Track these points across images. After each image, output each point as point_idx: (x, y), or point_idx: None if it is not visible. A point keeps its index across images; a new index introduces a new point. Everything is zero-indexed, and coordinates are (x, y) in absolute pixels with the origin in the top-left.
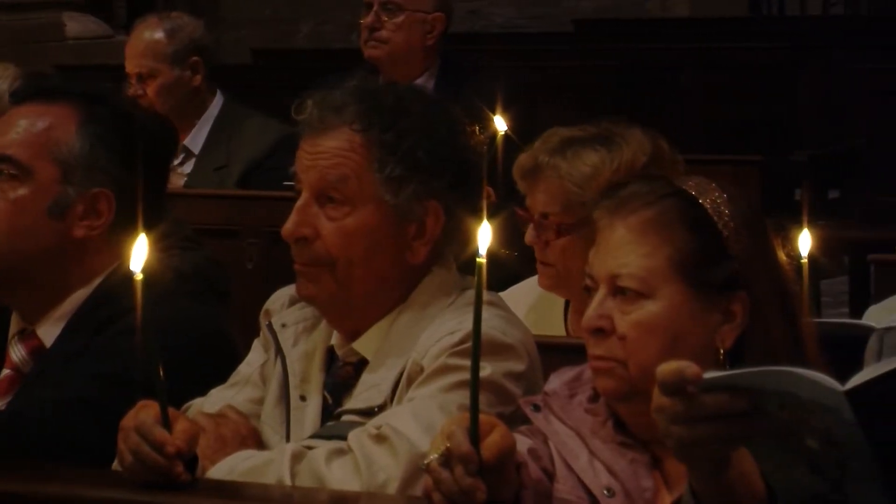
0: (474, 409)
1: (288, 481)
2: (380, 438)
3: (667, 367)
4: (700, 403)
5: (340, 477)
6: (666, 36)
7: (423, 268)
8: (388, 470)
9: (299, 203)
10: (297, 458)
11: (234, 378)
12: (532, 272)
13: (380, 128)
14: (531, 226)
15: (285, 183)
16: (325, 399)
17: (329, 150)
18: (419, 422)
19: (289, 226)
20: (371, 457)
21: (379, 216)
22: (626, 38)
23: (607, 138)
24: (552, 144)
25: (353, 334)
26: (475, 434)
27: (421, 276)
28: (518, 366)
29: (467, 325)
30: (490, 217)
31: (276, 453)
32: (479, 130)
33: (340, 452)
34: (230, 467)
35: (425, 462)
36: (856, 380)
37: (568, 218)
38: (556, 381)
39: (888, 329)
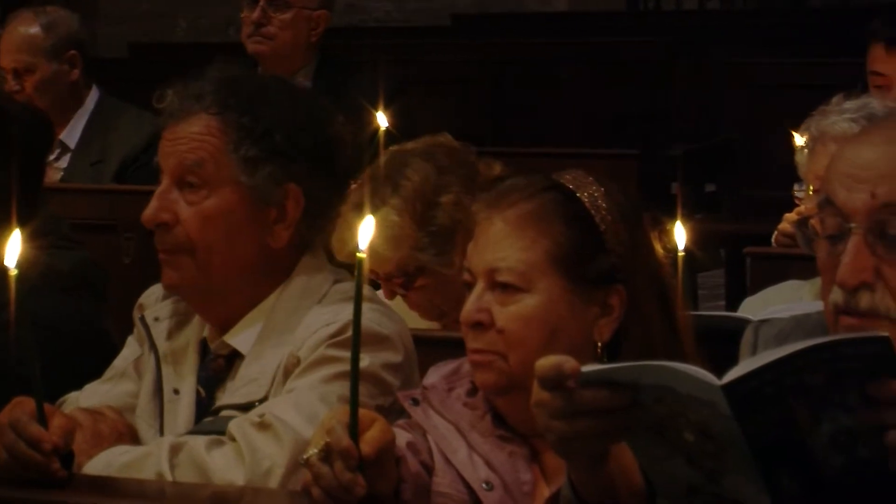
0: (354, 404)
1: (168, 474)
2: (263, 426)
3: (545, 362)
4: (579, 398)
5: (223, 465)
6: (543, 30)
7: (291, 257)
8: (273, 457)
9: (159, 189)
10: (175, 450)
11: (109, 373)
12: None
13: (237, 111)
14: (381, 285)
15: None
16: (198, 392)
17: (187, 135)
18: (301, 412)
19: (148, 212)
20: (255, 444)
21: (236, 198)
22: (504, 33)
23: (390, 177)
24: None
25: (223, 326)
26: (355, 429)
27: (289, 266)
28: (395, 357)
29: (343, 315)
30: (372, 211)
31: (153, 446)
32: (351, 126)
33: (220, 442)
34: (107, 462)
35: (304, 457)
36: (731, 374)
37: (398, 270)
38: (435, 375)
39: (763, 322)
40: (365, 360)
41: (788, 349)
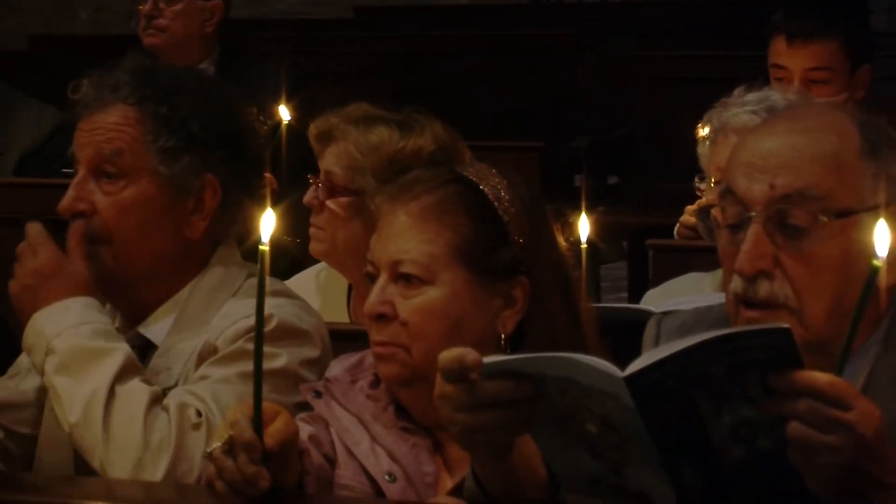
0: (257, 396)
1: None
2: (196, 426)
3: (448, 354)
4: (482, 390)
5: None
6: (447, 23)
7: (206, 249)
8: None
9: (75, 179)
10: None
11: (14, 369)
12: (315, 260)
13: (154, 101)
14: (313, 186)
15: (64, 170)
16: None
17: (104, 125)
18: (218, 405)
19: (64, 202)
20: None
21: (154, 188)
22: (407, 25)
23: (405, 123)
24: (351, 114)
25: (136, 317)
26: (258, 422)
27: (204, 258)
28: (313, 352)
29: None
30: (273, 205)
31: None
32: (261, 116)
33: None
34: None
35: (208, 450)
36: (634, 366)
37: (346, 181)
38: (338, 368)
39: (666, 314)
40: (284, 357)
41: (690, 341)
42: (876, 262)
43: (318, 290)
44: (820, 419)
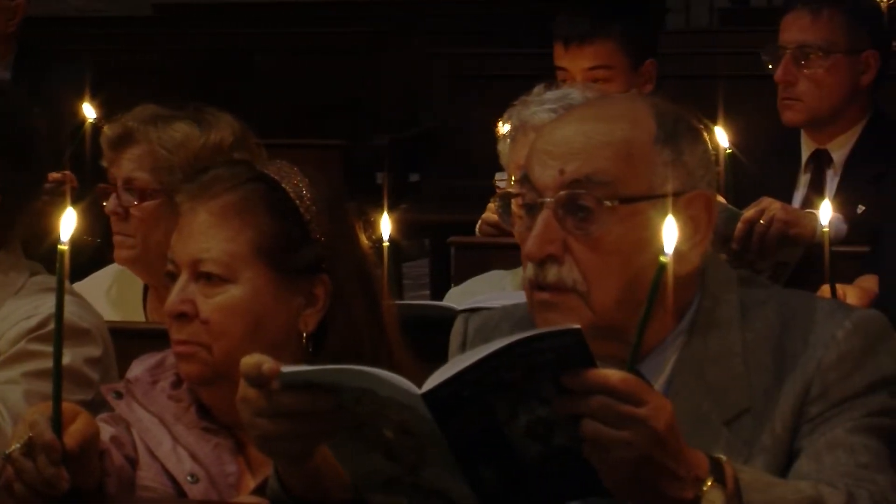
0: (57, 397)
1: None
2: None
3: (248, 360)
4: (280, 401)
5: None
6: (247, 20)
7: None
8: None
9: None
10: None
11: None
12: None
13: None
14: (113, 195)
15: None
16: None
17: None
18: (7, 406)
19: None
20: None
21: None
22: (206, 23)
23: (199, 118)
24: (143, 115)
25: None
26: (58, 423)
27: None
28: (95, 351)
29: (44, 308)
30: (74, 203)
31: None
32: (56, 117)
33: None
34: None
35: (6, 452)
36: (431, 382)
37: (154, 183)
38: (139, 368)
39: (473, 312)
40: (67, 356)
41: (485, 350)
42: (663, 258)
43: (110, 288)
44: (613, 415)
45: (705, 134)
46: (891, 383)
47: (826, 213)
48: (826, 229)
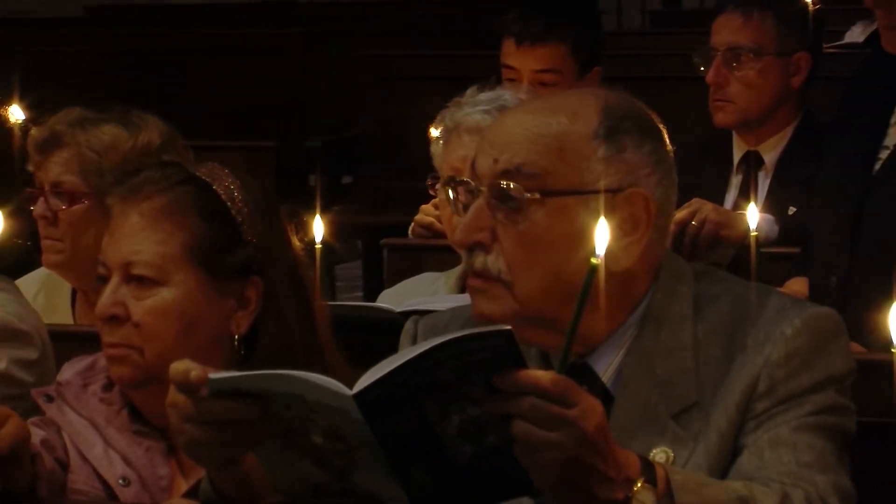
0: None
1: None
2: None
3: (176, 367)
4: (209, 407)
5: None
6: (179, 22)
7: None
8: None
9: None
10: None
11: None
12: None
13: None
14: (41, 199)
15: None
16: None
17: None
18: None
19: None
20: None
21: None
22: (138, 24)
23: (126, 120)
24: (70, 118)
25: None
26: None
27: None
28: (31, 353)
29: None
30: (1, 205)
31: None
32: None
33: None
34: None
35: None
36: (362, 382)
37: (83, 187)
38: (70, 371)
39: (423, 314)
40: (3, 362)
41: (416, 350)
42: (594, 260)
43: (38, 290)
44: (543, 417)
45: (661, 133)
46: (839, 381)
47: (753, 216)
48: (755, 234)
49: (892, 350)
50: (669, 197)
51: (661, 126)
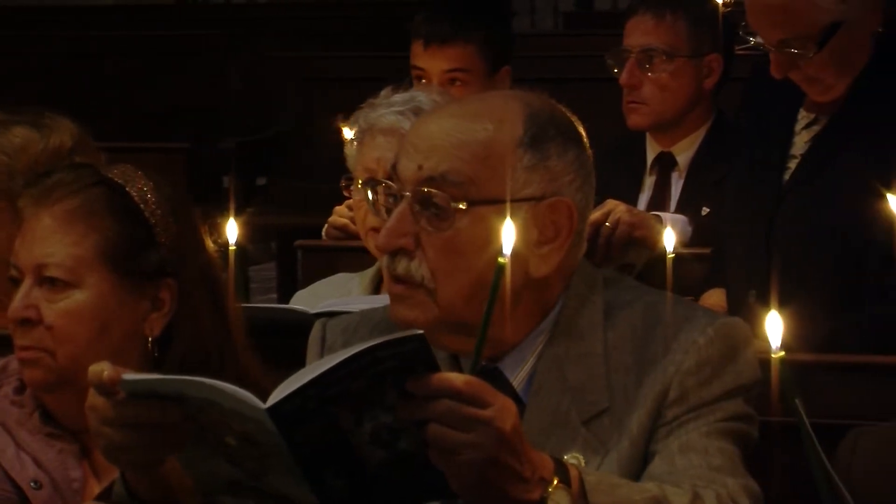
0: None
1: None
2: None
3: (94, 369)
4: (127, 410)
5: None
6: (92, 23)
7: None
8: None
9: None
10: None
11: None
12: None
13: None
14: None
15: None
16: None
17: None
18: None
19: None
20: None
21: None
22: (51, 25)
23: (36, 122)
24: None
25: None
26: None
27: None
28: None
29: None
30: None
31: None
32: None
33: None
34: None
35: None
36: (276, 395)
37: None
38: None
39: (331, 316)
40: None
41: (328, 363)
42: (501, 259)
43: None
44: (458, 418)
45: (582, 139)
46: (747, 390)
47: (670, 239)
48: (671, 255)
49: (772, 355)
50: (588, 202)
51: (581, 131)
